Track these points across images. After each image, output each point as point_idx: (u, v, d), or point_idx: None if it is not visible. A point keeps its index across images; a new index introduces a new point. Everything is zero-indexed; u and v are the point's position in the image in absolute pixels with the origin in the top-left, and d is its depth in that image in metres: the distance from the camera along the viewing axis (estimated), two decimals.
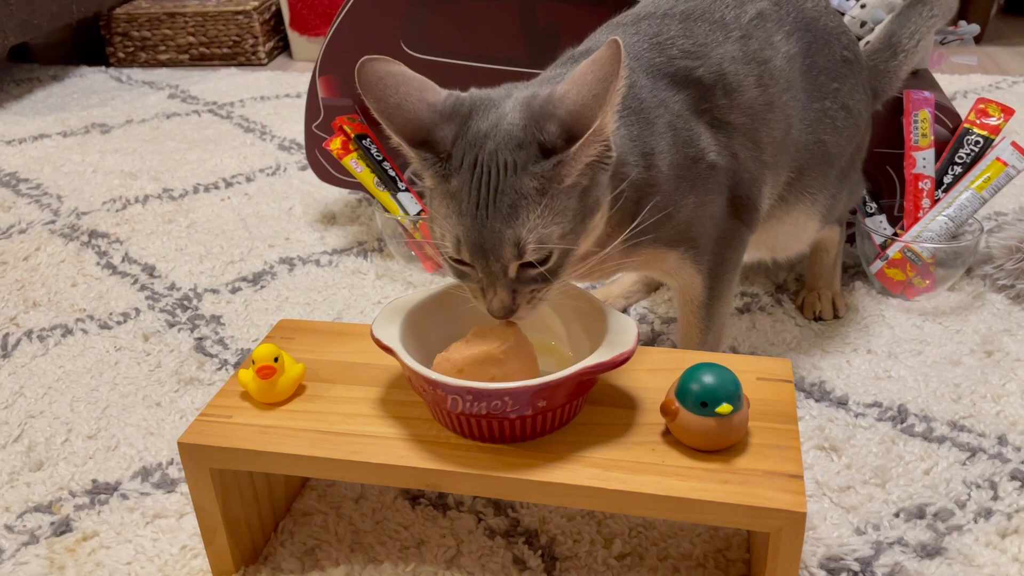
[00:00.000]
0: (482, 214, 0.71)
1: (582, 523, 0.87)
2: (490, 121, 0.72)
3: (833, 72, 1.04)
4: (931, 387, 1.04)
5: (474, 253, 0.72)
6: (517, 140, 0.71)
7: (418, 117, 0.73)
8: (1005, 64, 2.25)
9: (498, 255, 0.71)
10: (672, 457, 0.72)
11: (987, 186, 1.21)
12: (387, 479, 0.74)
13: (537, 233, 0.71)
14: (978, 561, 0.81)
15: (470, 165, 0.71)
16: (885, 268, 1.23)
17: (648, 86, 0.89)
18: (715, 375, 0.71)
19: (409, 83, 0.74)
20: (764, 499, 0.67)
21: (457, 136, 0.73)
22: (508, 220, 0.70)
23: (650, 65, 0.90)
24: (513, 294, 0.73)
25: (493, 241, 0.71)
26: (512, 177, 0.70)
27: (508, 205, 0.70)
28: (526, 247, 0.71)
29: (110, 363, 1.17)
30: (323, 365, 0.85)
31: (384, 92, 0.72)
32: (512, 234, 0.70)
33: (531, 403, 0.70)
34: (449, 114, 0.74)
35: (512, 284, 0.73)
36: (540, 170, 0.70)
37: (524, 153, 0.71)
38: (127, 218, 1.58)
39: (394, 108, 0.72)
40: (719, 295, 1.00)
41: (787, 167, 1.02)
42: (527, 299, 0.74)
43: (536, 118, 0.71)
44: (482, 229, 0.71)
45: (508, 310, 0.74)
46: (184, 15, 2.52)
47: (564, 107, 0.70)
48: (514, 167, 0.70)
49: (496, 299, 0.74)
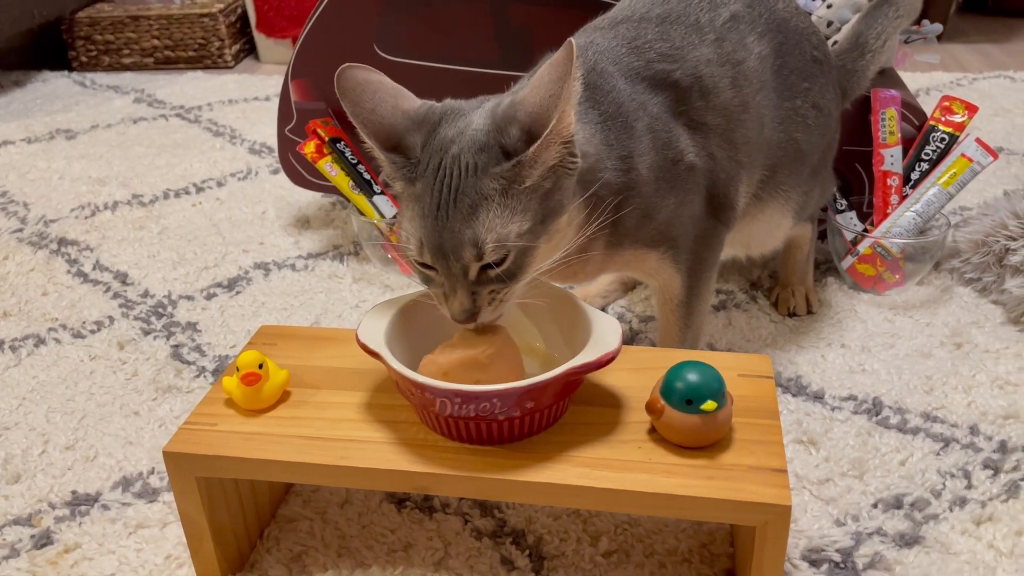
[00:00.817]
0: (443, 215, 0.72)
1: (568, 522, 0.88)
2: (457, 128, 0.74)
3: (804, 72, 1.06)
4: (904, 379, 1.06)
5: (435, 254, 0.73)
6: (480, 144, 0.73)
7: (391, 123, 0.75)
8: (965, 61, 2.30)
9: (458, 255, 0.72)
10: (658, 454, 0.73)
11: (953, 182, 1.24)
12: (376, 483, 0.74)
13: (496, 233, 0.72)
14: (955, 549, 0.83)
15: (434, 169, 0.73)
16: (856, 264, 1.25)
17: (627, 90, 0.90)
18: (699, 373, 0.72)
19: (385, 91, 0.76)
20: (749, 494, 0.68)
21: (425, 142, 0.75)
22: (467, 220, 0.71)
23: (628, 69, 0.91)
24: (473, 296, 0.74)
25: (453, 241, 0.72)
26: (472, 178, 0.72)
27: (468, 205, 0.72)
28: (485, 247, 0.72)
29: (85, 372, 1.16)
30: (307, 371, 0.85)
31: (360, 97, 0.75)
32: (471, 234, 0.71)
33: (519, 404, 0.71)
34: (420, 121, 0.76)
35: (472, 286, 0.74)
36: (500, 171, 0.72)
37: (485, 156, 0.72)
38: (96, 225, 1.56)
39: (368, 113, 0.74)
40: (698, 293, 1.01)
41: (761, 166, 1.04)
42: (487, 300, 0.75)
43: (499, 122, 0.73)
44: (442, 230, 0.72)
45: (469, 312, 0.74)
46: (148, 18, 2.49)
47: (523, 109, 0.72)
48: (475, 169, 0.72)
49: (456, 302, 0.74)
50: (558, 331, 0.83)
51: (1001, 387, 1.04)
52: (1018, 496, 0.88)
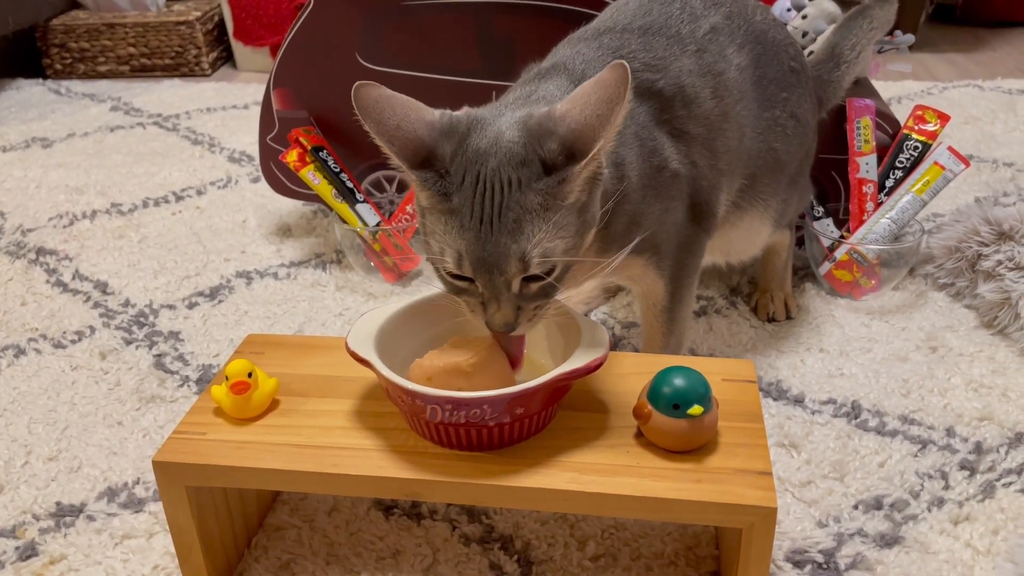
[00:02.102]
0: (486, 229, 0.72)
1: (555, 527, 0.89)
2: (488, 139, 0.73)
3: (782, 82, 1.08)
4: (881, 383, 1.08)
5: (477, 268, 0.73)
6: (519, 157, 0.72)
7: (418, 136, 0.73)
8: (935, 70, 2.34)
9: (502, 269, 0.72)
10: (646, 459, 0.74)
11: (926, 189, 1.26)
12: (367, 490, 0.75)
13: (542, 247, 0.72)
14: (933, 548, 0.85)
15: (472, 182, 0.72)
16: (833, 270, 1.27)
17: None
18: (686, 378, 0.73)
19: (404, 104, 0.74)
20: (736, 496, 0.70)
21: (455, 153, 0.73)
22: (513, 235, 0.71)
23: None
24: (517, 310, 0.74)
25: (497, 255, 0.72)
26: (516, 193, 0.71)
27: (513, 220, 0.71)
28: (531, 261, 0.72)
29: (67, 383, 1.15)
30: (295, 379, 0.85)
31: (382, 115, 0.72)
32: (517, 248, 0.71)
33: (509, 410, 0.72)
34: (447, 131, 0.74)
35: (516, 300, 0.74)
36: (543, 187, 0.72)
37: (527, 170, 0.72)
38: (75, 234, 1.55)
39: (394, 130, 0.72)
40: (680, 299, 1.03)
41: (741, 174, 1.06)
42: (529, 316, 0.75)
43: (536, 136, 0.73)
44: (486, 244, 0.72)
45: (510, 326, 0.75)
46: (124, 25, 2.47)
47: (565, 126, 0.72)
48: (518, 184, 0.71)
49: (499, 314, 0.74)
50: (544, 337, 0.84)
51: (976, 390, 1.06)
52: (994, 496, 0.90)
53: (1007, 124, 1.90)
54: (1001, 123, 1.91)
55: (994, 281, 1.19)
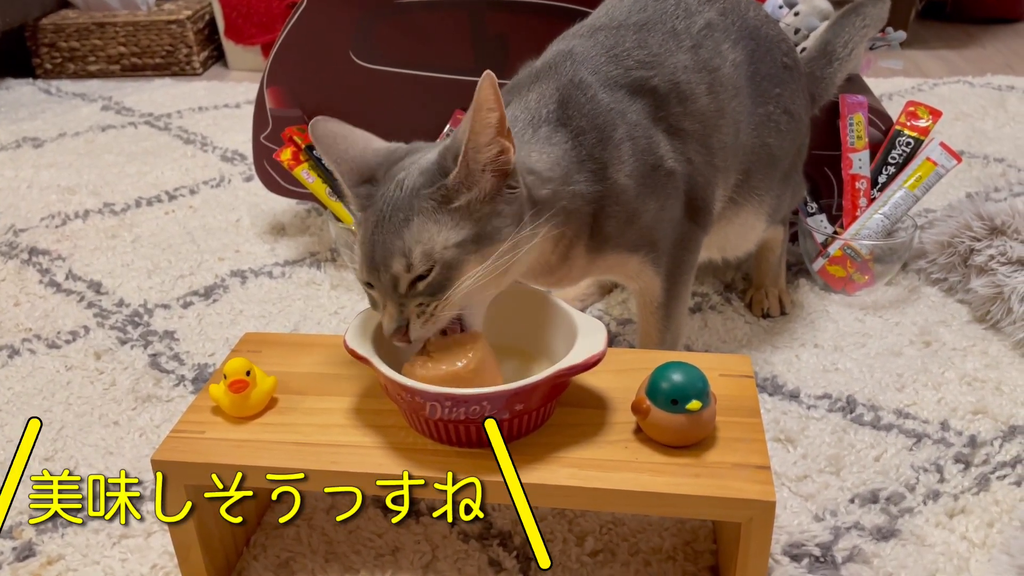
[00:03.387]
0: (379, 232, 0.76)
1: (554, 523, 0.89)
2: (413, 159, 0.79)
3: (776, 78, 1.09)
4: (876, 377, 1.09)
5: (369, 268, 0.76)
6: (422, 168, 0.77)
7: (363, 161, 0.80)
8: (925, 67, 2.35)
9: (387, 265, 0.75)
10: (645, 454, 0.74)
11: (919, 185, 1.27)
12: (368, 488, 0.75)
13: (423, 244, 0.74)
14: (930, 541, 0.86)
15: (382, 195, 0.77)
16: (827, 265, 1.28)
17: (605, 100, 0.91)
18: (684, 373, 0.74)
19: (355, 134, 0.82)
20: (735, 490, 0.70)
21: (385, 174, 0.79)
22: (398, 232, 0.75)
23: (607, 78, 0.93)
24: (400, 307, 0.76)
25: (384, 253, 0.75)
26: (408, 197, 0.75)
27: (401, 220, 0.75)
28: (412, 256, 0.74)
29: (62, 383, 1.15)
30: (293, 377, 0.85)
31: (333, 142, 0.80)
32: (400, 244, 0.74)
33: (508, 406, 0.72)
34: (388, 155, 0.80)
35: (399, 299, 0.76)
36: (430, 191, 0.75)
37: (424, 178, 0.76)
38: (68, 234, 1.55)
39: (341, 153, 0.80)
40: (676, 296, 1.03)
41: (736, 170, 1.06)
42: (416, 313, 0.76)
43: (443, 150, 0.77)
44: (375, 244, 0.76)
45: (397, 324, 0.76)
46: (114, 25, 2.46)
47: (456, 136, 0.76)
48: (411, 190, 0.76)
49: (386, 315, 0.76)
50: (542, 334, 0.85)
51: (969, 384, 1.07)
52: (988, 489, 0.91)
53: (997, 120, 1.91)
54: (991, 119, 1.92)
55: (986, 276, 1.19)
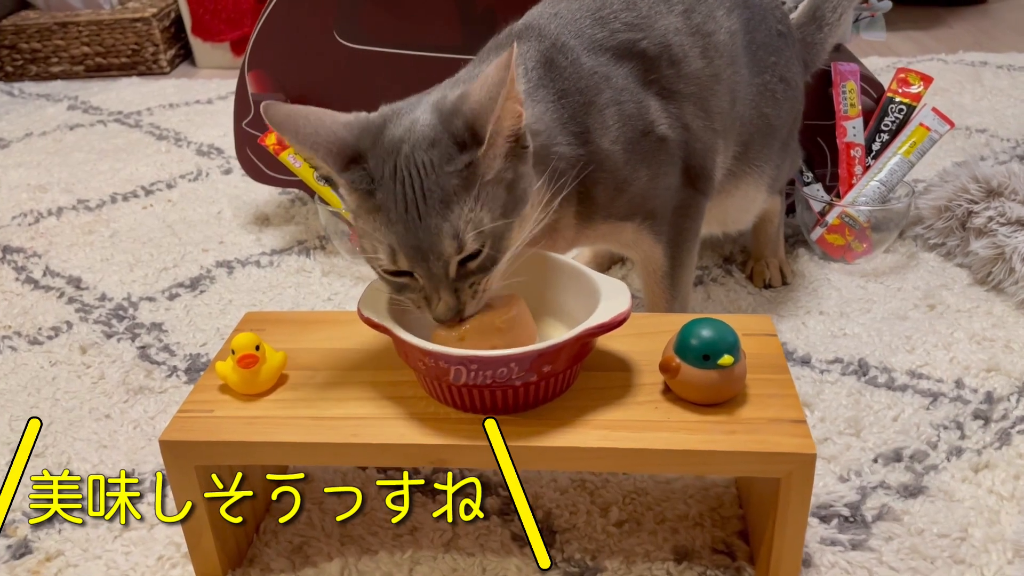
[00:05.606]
0: (412, 216, 0.70)
1: (576, 495, 0.86)
2: (404, 127, 0.72)
3: (770, 47, 1.07)
4: (885, 340, 1.08)
5: (412, 256, 0.70)
6: (429, 139, 0.71)
7: (340, 138, 0.72)
8: (897, 47, 2.37)
9: (438, 252, 0.70)
10: (676, 413, 0.72)
11: (913, 150, 1.27)
12: (390, 459, 0.72)
13: (472, 223, 0.70)
14: (958, 496, 0.84)
15: (391, 173, 0.70)
16: (825, 234, 1.27)
17: (588, 64, 0.89)
18: (713, 328, 0.71)
19: (316, 112, 0.73)
20: (773, 444, 0.68)
21: (374, 147, 0.72)
22: (443, 214, 0.69)
23: (592, 41, 0.90)
24: (456, 293, 0.72)
25: (431, 239, 0.69)
26: (433, 175, 0.70)
27: (439, 201, 0.69)
28: (465, 238, 0.70)
29: (47, 379, 1.10)
30: (302, 353, 0.81)
31: (297, 124, 0.71)
32: (449, 227, 0.69)
33: (536, 368, 0.69)
34: (365, 128, 0.73)
35: (454, 284, 0.72)
36: (457, 167, 0.70)
37: (438, 151, 0.70)
38: (42, 231, 1.49)
39: (313, 136, 0.71)
40: (681, 263, 1.01)
41: (734, 142, 1.05)
42: (470, 296, 0.73)
43: (446, 115, 0.71)
44: (417, 230, 0.70)
45: (455, 311, 0.72)
46: (77, 24, 2.40)
47: (468, 104, 0.70)
48: (431, 165, 0.70)
49: (442, 303, 0.72)
50: (554, 297, 0.82)
51: (979, 343, 1.06)
52: (1010, 443, 0.90)
53: (975, 94, 1.93)
54: (969, 93, 1.93)
55: (986, 237, 1.19)
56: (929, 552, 0.79)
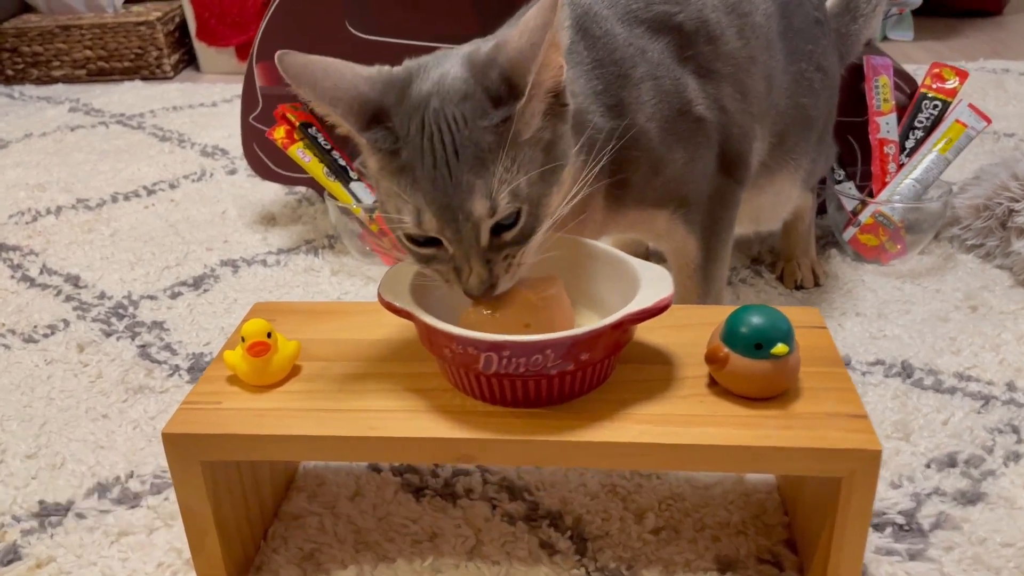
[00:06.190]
0: (442, 173, 0.63)
1: (607, 500, 0.80)
2: (432, 80, 0.66)
3: (807, 34, 1.03)
4: (928, 342, 1.02)
5: (441, 218, 0.64)
6: (461, 93, 0.64)
7: (361, 93, 0.66)
8: (913, 55, 2.32)
9: (468, 212, 0.64)
10: (724, 407, 0.66)
11: (949, 147, 1.22)
12: (413, 455, 0.66)
13: (508, 183, 0.64)
14: (1020, 503, 0.78)
15: (418, 130, 0.64)
16: (858, 234, 1.22)
17: (623, 34, 0.83)
18: (765, 315, 0.66)
19: (335, 64, 0.67)
20: (835, 440, 0.62)
21: (398, 103, 0.66)
22: (475, 172, 0.63)
23: (626, 11, 0.85)
24: (488, 264, 0.66)
25: (461, 197, 0.63)
26: (466, 131, 0.64)
27: (472, 156, 0.63)
28: (499, 200, 0.63)
29: (42, 377, 1.04)
30: (315, 344, 0.76)
31: (315, 77, 0.65)
32: (483, 185, 0.63)
33: (574, 355, 0.63)
34: (388, 83, 0.67)
35: (485, 254, 0.66)
36: (491, 123, 0.64)
37: (470, 105, 0.64)
38: (39, 230, 1.44)
39: (332, 90, 0.65)
40: (715, 256, 0.96)
41: (769, 131, 0.99)
42: (504, 268, 0.67)
43: (480, 68, 0.65)
44: (447, 188, 0.63)
45: (487, 284, 0.66)
46: (80, 27, 2.36)
47: (505, 54, 0.64)
48: (463, 120, 0.64)
49: (473, 275, 0.66)
50: (585, 284, 0.76)
51: None
52: None
53: (999, 99, 1.88)
54: (992, 99, 1.89)
55: None
56: (994, 563, 0.72)
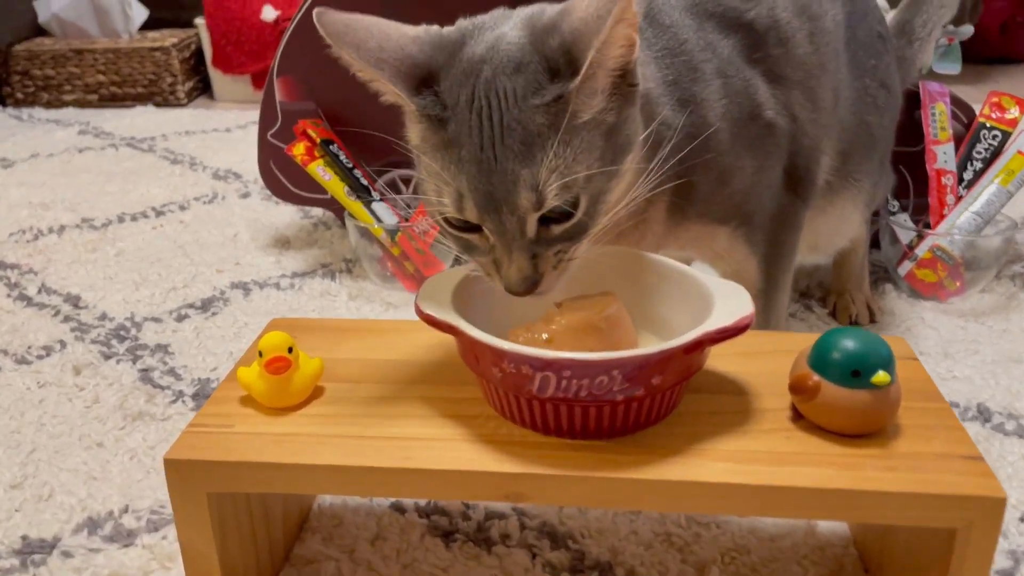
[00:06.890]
0: (488, 156, 0.56)
1: (663, 551, 0.71)
2: (486, 44, 0.59)
3: (871, 48, 0.96)
4: (1003, 385, 0.93)
5: (483, 207, 0.57)
6: (516, 62, 0.57)
7: (409, 54, 0.59)
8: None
9: (513, 205, 0.56)
10: (815, 445, 0.57)
11: (1012, 179, 1.14)
12: (453, 491, 0.57)
13: (559, 173, 0.56)
14: None
15: (467, 101, 0.57)
16: (915, 269, 1.13)
17: (692, 26, 0.76)
18: (862, 339, 0.57)
19: (379, 24, 0.60)
20: (950, 485, 0.53)
21: (447, 68, 0.59)
22: (521, 159, 0.56)
23: (695, 4, 0.78)
24: (533, 259, 0.58)
25: (505, 187, 0.56)
26: (515, 109, 0.56)
27: (519, 142, 0.56)
28: (546, 191, 0.56)
29: (33, 401, 0.95)
30: (338, 363, 0.67)
31: (358, 37, 0.58)
32: (528, 175, 0.56)
33: (644, 379, 0.55)
34: (438, 44, 0.60)
35: (531, 247, 0.58)
36: (544, 101, 0.56)
37: (523, 77, 0.57)
38: (40, 248, 1.36)
39: (377, 51, 0.58)
40: (777, 283, 0.87)
41: (833, 148, 0.92)
42: (552, 264, 0.59)
43: (540, 33, 0.58)
44: (491, 175, 0.56)
45: (530, 281, 0.58)
46: (93, 52, 2.31)
47: (569, 22, 0.56)
48: (514, 96, 0.56)
49: (513, 268, 0.58)
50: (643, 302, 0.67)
51: None
52: None
53: None
54: None
55: None
56: None
